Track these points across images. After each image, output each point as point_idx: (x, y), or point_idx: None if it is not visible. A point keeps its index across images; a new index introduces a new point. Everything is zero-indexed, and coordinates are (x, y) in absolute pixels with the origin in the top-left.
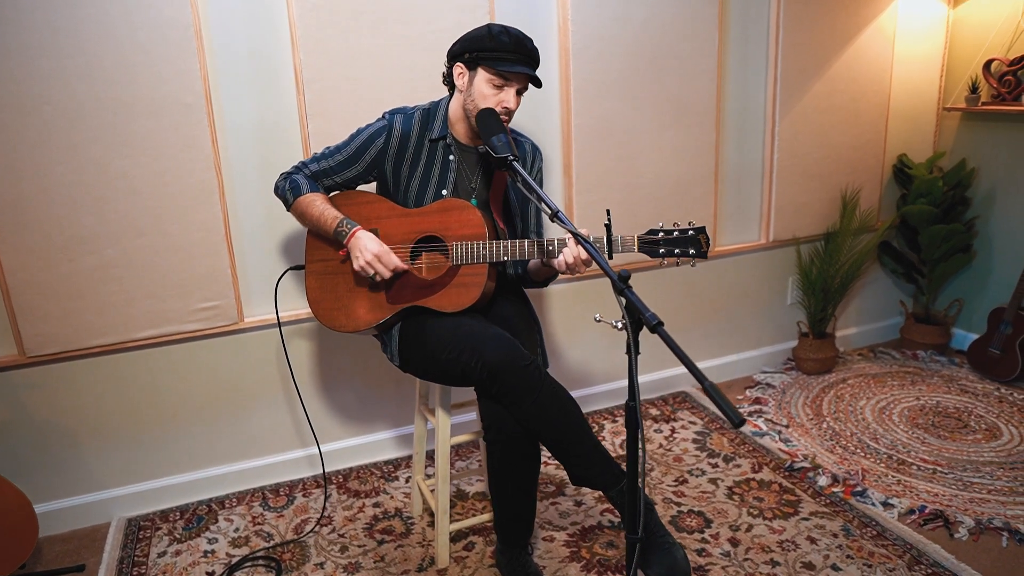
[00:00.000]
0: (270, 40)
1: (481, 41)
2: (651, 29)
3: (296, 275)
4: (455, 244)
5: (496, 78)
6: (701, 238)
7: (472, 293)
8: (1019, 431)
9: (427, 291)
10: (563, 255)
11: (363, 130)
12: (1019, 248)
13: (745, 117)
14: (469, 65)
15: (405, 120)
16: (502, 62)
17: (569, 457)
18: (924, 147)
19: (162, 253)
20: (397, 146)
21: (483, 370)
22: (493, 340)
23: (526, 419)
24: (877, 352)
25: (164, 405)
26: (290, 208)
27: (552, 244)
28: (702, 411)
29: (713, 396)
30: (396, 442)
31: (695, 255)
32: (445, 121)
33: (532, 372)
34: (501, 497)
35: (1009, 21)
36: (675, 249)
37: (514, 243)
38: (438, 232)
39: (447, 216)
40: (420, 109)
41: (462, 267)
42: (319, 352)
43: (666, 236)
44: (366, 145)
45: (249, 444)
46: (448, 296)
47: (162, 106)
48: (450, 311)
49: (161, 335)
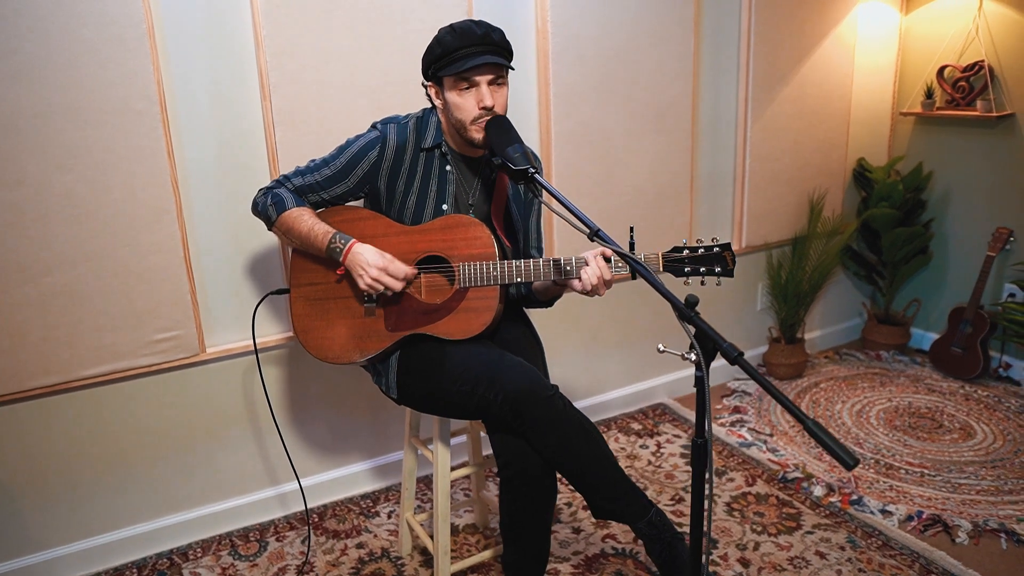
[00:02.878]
0: (232, 40)
1: (431, 53)
2: (630, 32)
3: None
4: (461, 265)
5: (459, 81)
6: (727, 255)
7: (483, 318)
8: (991, 429)
9: (431, 316)
10: (585, 276)
11: (353, 142)
12: (973, 248)
13: (717, 122)
14: (436, 81)
15: (399, 130)
16: (455, 63)
17: (595, 490)
18: (880, 151)
19: (112, 279)
20: (392, 159)
21: (504, 403)
22: (512, 370)
23: (549, 452)
24: (842, 354)
25: (116, 449)
26: (273, 225)
27: (570, 263)
28: (684, 423)
29: (819, 438)
30: (373, 474)
31: (721, 273)
32: (439, 128)
33: (556, 402)
34: (519, 536)
35: (961, 29)
36: (700, 267)
37: (527, 263)
38: (442, 252)
39: (451, 234)
40: (413, 117)
41: (470, 290)
42: (288, 381)
43: (691, 254)
44: (358, 158)
45: (213, 486)
46: (456, 322)
47: (110, 113)
48: (458, 338)
49: (112, 372)
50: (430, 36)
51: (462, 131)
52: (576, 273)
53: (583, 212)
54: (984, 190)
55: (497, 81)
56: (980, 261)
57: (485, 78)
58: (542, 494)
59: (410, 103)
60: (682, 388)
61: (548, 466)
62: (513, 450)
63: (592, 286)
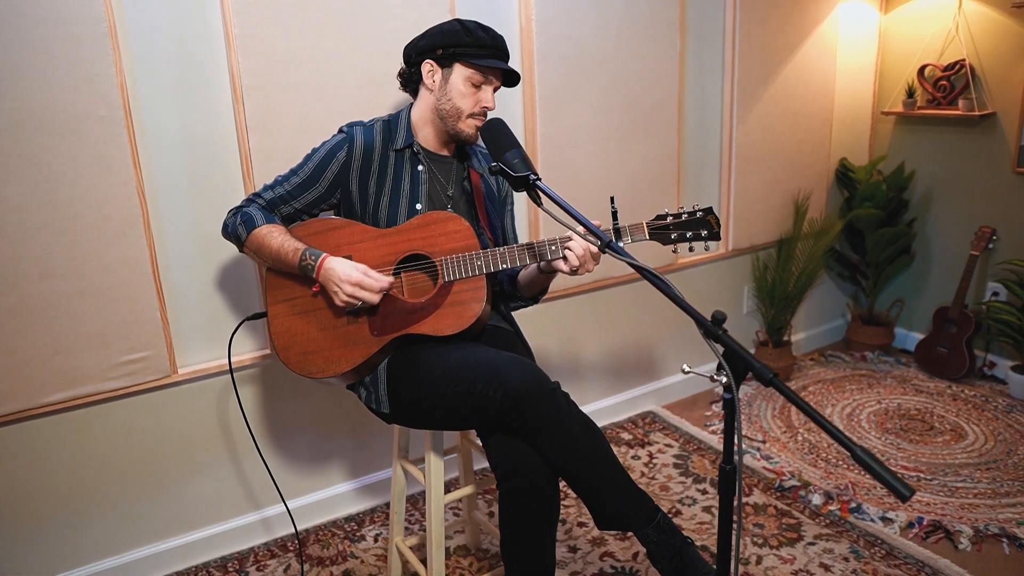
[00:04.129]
0: (202, 39)
1: (456, 36)
2: (616, 32)
3: (235, 308)
4: (444, 259)
5: (477, 75)
6: (710, 219)
7: (472, 310)
8: (982, 430)
9: (419, 315)
10: (571, 250)
11: (320, 148)
12: (955, 247)
13: (703, 124)
14: (443, 62)
15: (366, 131)
16: (483, 57)
17: (600, 496)
18: (861, 151)
19: (74, 299)
20: (361, 159)
21: (505, 400)
22: (511, 365)
23: (552, 452)
24: (827, 356)
25: (81, 479)
26: (244, 246)
27: (555, 243)
28: (674, 431)
29: (871, 468)
30: (356, 495)
31: (708, 237)
32: (409, 128)
33: (559, 397)
34: (522, 556)
35: (941, 28)
36: (687, 233)
37: (511, 248)
38: (422, 250)
39: (429, 230)
40: (379, 121)
41: (455, 283)
42: (265, 401)
43: (675, 220)
44: (326, 161)
45: (188, 514)
46: (444, 317)
47: (69, 120)
48: (450, 333)
49: (75, 398)
50: (410, 35)
51: (452, 120)
52: (560, 252)
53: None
54: (965, 189)
55: (495, 91)
56: (961, 260)
57: (496, 83)
58: (545, 505)
59: (390, 104)
60: (670, 395)
61: (551, 474)
62: (514, 457)
63: (578, 258)
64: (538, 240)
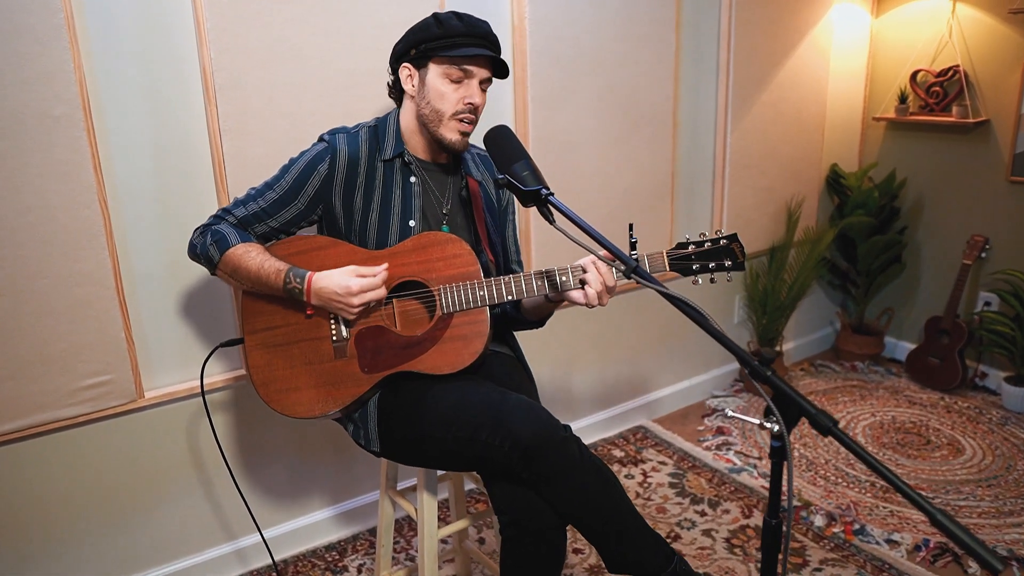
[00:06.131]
0: (171, 33)
1: (427, 30)
2: (610, 32)
3: (207, 326)
4: (442, 288)
5: (453, 69)
6: (735, 247)
7: (473, 346)
8: (979, 444)
9: (413, 351)
10: (588, 285)
11: (298, 159)
12: (946, 256)
13: (697, 127)
14: (417, 63)
15: (350, 140)
16: (458, 48)
17: (613, 543)
18: (851, 157)
19: (28, 318)
20: (345, 172)
21: (513, 450)
22: (518, 411)
23: (563, 504)
24: (817, 365)
25: (39, 514)
26: (216, 268)
27: (565, 273)
28: (667, 448)
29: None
30: (336, 521)
31: (732, 267)
32: (398, 135)
33: (571, 446)
34: None
35: (934, 33)
36: (710, 263)
37: (518, 278)
38: (418, 276)
39: (426, 254)
40: (364, 127)
41: (455, 315)
42: (239, 424)
43: (698, 249)
44: (306, 174)
45: (158, 546)
46: (442, 354)
47: (22, 119)
48: (447, 372)
49: (31, 426)
50: (397, 32)
51: (434, 125)
52: (573, 283)
53: (611, 241)
54: (958, 197)
55: (484, 84)
56: (952, 269)
57: (480, 74)
58: (551, 553)
59: (377, 106)
60: (660, 409)
61: (560, 520)
62: (520, 505)
63: (596, 295)
64: (547, 270)
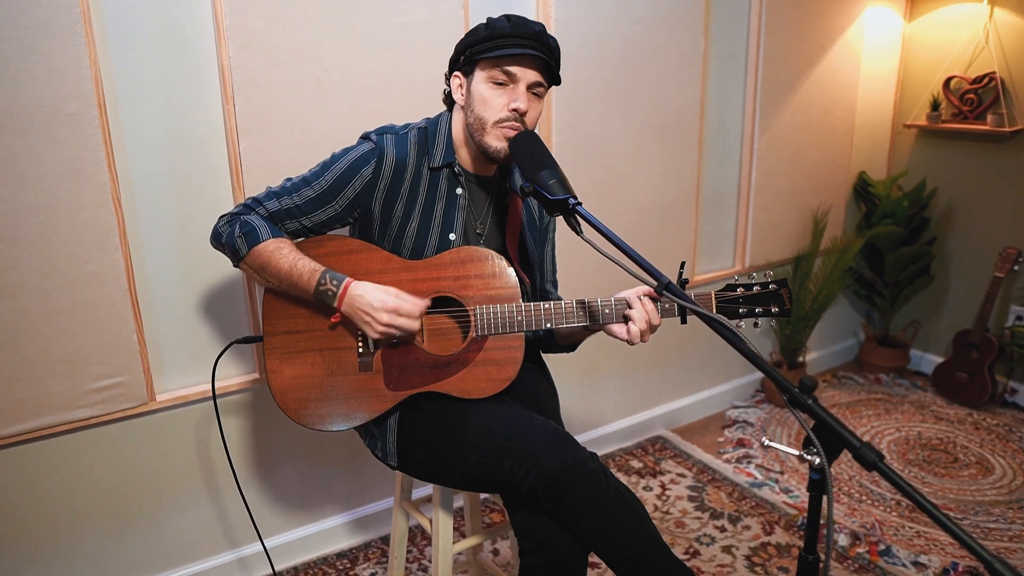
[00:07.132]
0: (188, 30)
1: (475, 34)
2: (638, 35)
3: (221, 329)
4: (479, 309)
5: (497, 72)
6: (783, 292)
7: (505, 372)
8: (1009, 463)
9: (443, 371)
10: (633, 322)
11: (341, 156)
12: (977, 269)
13: (724, 134)
14: (466, 69)
15: (398, 142)
16: (500, 48)
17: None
18: (879, 164)
19: (40, 319)
20: (391, 177)
21: (539, 482)
22: (546, 440)
23: (588, 534)
24: (840, 377)
25: (44, 517)
26: (242, 261)
27: (609, 306)
28: (686, 459)
29: None
30: (349, 528)
31: (779, 313)
32: (449, 143)
33: (599, 477)
34: None
35: (970, 38)
36: (756, 308)
37: (559, 306)
38: (453, 292)
39: (464, 269)
40: (414, 128)
41: (488, 339)
42: (252, 428)
43: (746, 292)
44: (348, 175)
45: (163, 554)
46: (473, 377)
47: (35, 117)
48: (475, 397)
49: (41, 428)
50: (421, 31)
51: (479, 135)
52: (615, 317)
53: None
54: (989, 208)
55: (535, 90)
56: (982, 282)
57: (527, 78)
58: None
59: (399, 108)
60: (679, 419)
61: (583, 549)
62: (544, 531)
63: (640, 333)
64: (589, 300)
